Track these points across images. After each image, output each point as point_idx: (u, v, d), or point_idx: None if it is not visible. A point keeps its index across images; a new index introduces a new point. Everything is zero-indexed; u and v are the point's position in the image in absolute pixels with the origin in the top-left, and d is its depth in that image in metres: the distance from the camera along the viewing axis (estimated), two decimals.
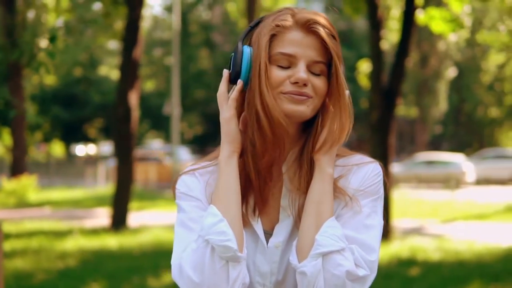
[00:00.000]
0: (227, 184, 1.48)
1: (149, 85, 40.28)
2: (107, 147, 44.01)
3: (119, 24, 15.81)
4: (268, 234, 1.53)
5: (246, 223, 1.52)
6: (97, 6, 16.83)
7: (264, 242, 1.51)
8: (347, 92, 1.54)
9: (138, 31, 11.35)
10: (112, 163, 26.06)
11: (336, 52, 1.49)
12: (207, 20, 40.81)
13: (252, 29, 1.55)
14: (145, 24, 35.77)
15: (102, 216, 13.75)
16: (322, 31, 1.48)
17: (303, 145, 1.54)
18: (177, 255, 1.48)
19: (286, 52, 1.47)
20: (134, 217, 12.69)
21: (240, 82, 1.51)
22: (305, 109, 1.48)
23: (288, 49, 1.47)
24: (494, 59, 36.34)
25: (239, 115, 1.53)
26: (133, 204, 12.96)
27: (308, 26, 1.48)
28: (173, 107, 20.36)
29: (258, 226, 1.53)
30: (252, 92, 1.48)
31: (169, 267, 8.01)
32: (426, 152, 33.58)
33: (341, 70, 1.49)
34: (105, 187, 21.87)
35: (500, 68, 36.94)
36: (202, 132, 41.79)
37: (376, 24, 10.41)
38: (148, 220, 12.95)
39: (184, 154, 27.61)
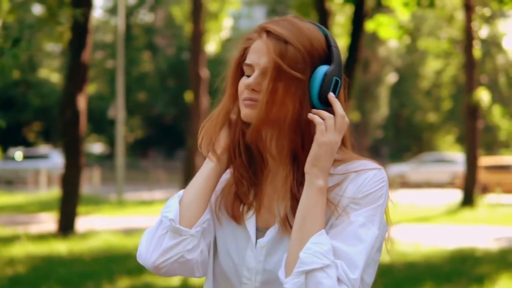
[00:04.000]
0: (200, 174, 1.61)
1: (90, 88, 39.71)
2: (46, 151, 43.11)
3: (63, 27, 15.52)
4: (261, 232, 1.59)
5: (241, 220, 1.60)
6: (37, 8, 16.47)
7: (254, 239, 1.58)
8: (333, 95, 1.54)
9: (87, 33, 11.21)
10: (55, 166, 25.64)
11: (273, 58, 1.49)
12: (149, 23, 40.53)
13: None
14: None
15: (47, 221, 13.48)
16: (264, 37, 1.53)
17: None
18: None
19: (246, 63, 1.55)
20: (81, 222, 12.49)
21: None
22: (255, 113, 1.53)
23: (249, 59, 1.55)
24: (432, 66, 37.27)
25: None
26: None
27: (259, 34, 1.55)
28: (118, 111, 20.11)
29: (250, 223, 1.59)
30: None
31: (122, 272, 7.93)
32: None
33: (272, 75, 1.49)
34: (48, 191, 21.45)
35: (437, 74, 37.88)
36: (144, 135, 41.42)
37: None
38: (95, 225, 12.77)
39: (56, 157, 27.55)
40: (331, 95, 1.53)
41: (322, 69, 1.52)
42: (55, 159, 27.02)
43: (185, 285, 7.24)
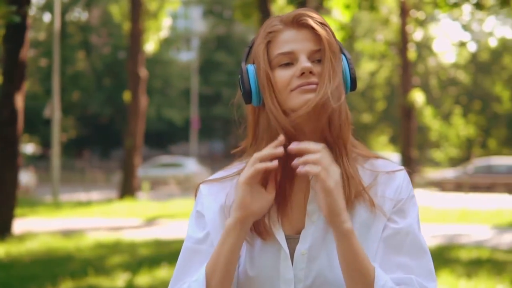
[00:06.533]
0: (224, 255, 1.44)
1: None
2: None
3: None
4: (291, 239, 1.50)
5: (268, 234, 1.50)
6: None
7: (287, 250, 1.48)
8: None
9: (25, 30, 10.92)
10: None
11: (327, 39, 1.48)
12: (84, 21, 39.86)
13: (251, 48, 1.55)
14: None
15: None
16: (310, 21, 1.49)
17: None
18: None
19: (284, 51, 1.48)
20: (17, 224, 12.17)
21: (275, 162, 1.42)
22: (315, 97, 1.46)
23: (285, 48, 1.48)
24: (366, 67, 37.96)
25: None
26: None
27: (297, 21, 1.50)
28: (54, 110, 19.67)
29: (280, 235, 1.49)
30: (269, 106, 1.48)
31: (65, 274, 7.75)
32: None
33: (329, 55, 1.47)
34: None
35: (371, 75, 38.61)
36: (78, 135, 40.68)
37: None
38: (32, 227, 12.47)
39: None
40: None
41: (343, 57, 1.53)
42: None
43: (130, 285, 7.15)
